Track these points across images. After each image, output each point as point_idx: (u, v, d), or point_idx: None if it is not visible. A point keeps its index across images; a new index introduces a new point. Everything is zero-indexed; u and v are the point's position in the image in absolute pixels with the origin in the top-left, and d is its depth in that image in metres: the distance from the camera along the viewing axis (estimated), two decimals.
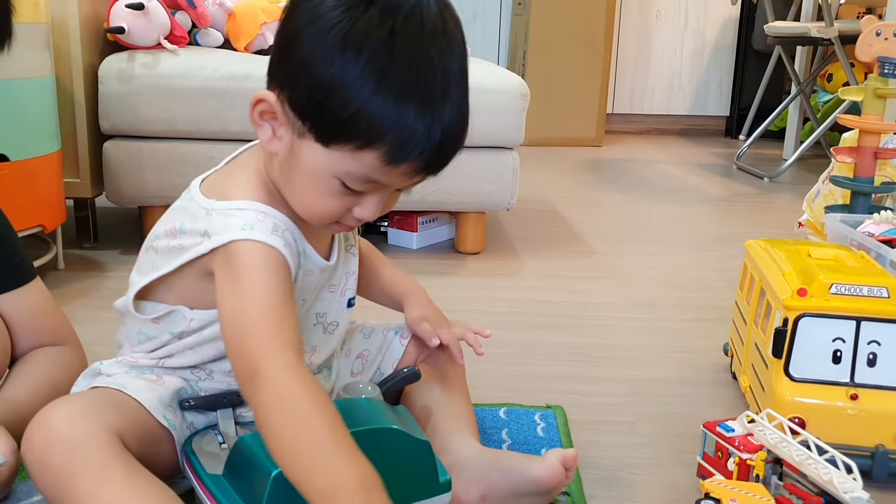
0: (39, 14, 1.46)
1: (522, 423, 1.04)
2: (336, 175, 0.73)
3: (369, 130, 0.69)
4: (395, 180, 0.73)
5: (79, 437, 0.70)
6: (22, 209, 1.42)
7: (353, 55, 0.68)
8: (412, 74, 0.69)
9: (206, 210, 0.78)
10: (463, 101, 0.73)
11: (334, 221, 0.77)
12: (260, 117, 0.75)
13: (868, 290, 0.93)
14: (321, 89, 0.69)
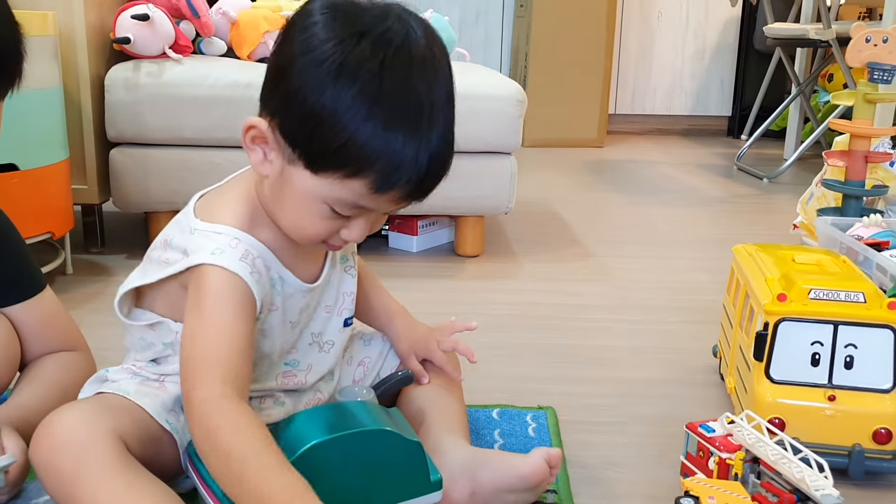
0: (48, 27, 1.51)
1: (514, 424, 1.08)
2: (325, 201, 0.76)
3: (358, 159, 0.72)
4: (382, 206, 0.77)
5: (83, 441, 0.74)
6: (31, 216, 1.47)
7: (346, 86, 0.71)
8: (402, 104, 0.72)
9: (191, 229, 0.82)
10: (448, 128, 0.76)
11: (322, 241, 0.81)
12: (252, 142, 0.79)
13: (845, 295, 0.96)
14: (313, 118, 0.73)
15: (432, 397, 0.96)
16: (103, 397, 0.84)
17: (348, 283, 0.94)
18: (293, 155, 0.76)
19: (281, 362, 0.90)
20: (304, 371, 0.91)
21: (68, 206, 1.61)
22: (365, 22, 0.74)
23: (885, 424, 0.94)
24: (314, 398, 0.92)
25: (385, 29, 0.74)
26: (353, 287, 0.95)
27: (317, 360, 0.92)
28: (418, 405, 0.95)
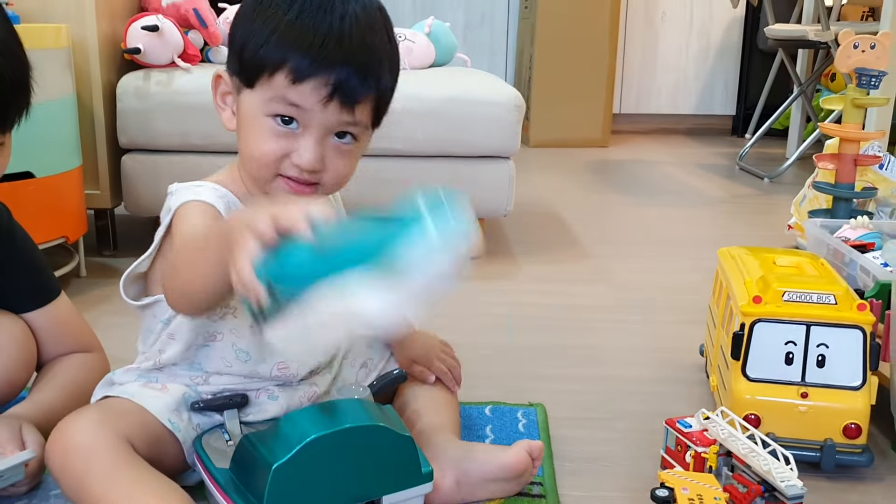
0: (61, 39, 1.57)
1: (505, 420, 1.13)
2: (265, 112, 0.85)
3: (273, 57, 0.82)
4: (313, 105, 0.83)
5: (92, 444, 0.81)
6: (47, 222, 1.53)
7: (262, 12, 0.84)
8: (310, 10, 0.82)
9: (172, 192, 0.91)
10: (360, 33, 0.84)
11: (278, 174, 0.86)
12: (222, 100, 0.91)
13: (817, 296, 1.01)
14: (242, 43, 0.85)
15: (426, 395, 1.02)
16: (110, 402, 0.91)
17: None
18: (240, 84, 0.87)
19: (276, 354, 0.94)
20: (295, 363, 0.96)
21: (82, 211, 1.67)
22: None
23: (855, 420, 0.99)
24: (309, 391, 0.97)
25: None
26: None
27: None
28: (412, 402, 1.01)
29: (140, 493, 0.79)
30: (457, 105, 1.80)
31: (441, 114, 1.80)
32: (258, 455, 0.83)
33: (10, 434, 0.91)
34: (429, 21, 2.09)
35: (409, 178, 1.83)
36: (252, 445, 0.84)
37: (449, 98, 1.81)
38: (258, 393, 0.95)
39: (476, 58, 3.95)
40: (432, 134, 1.81)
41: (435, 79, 1.89)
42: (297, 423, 0.84)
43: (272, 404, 0.95)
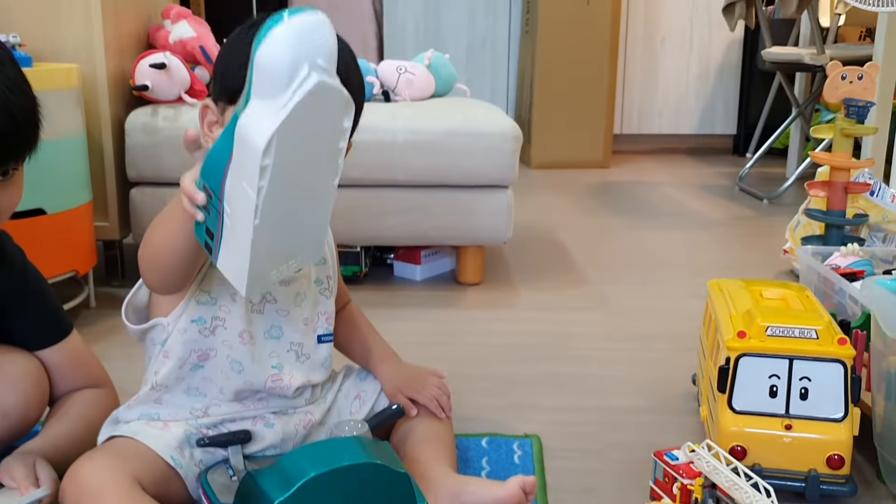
0: (72, 79, 1.62)
1: (501, 452, 1.17)
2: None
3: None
4: None
5: (103, 486, 0.86)
6: (58, 257, 1.58)
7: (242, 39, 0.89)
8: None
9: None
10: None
11: None
12: (208, 129, 0.94)
13: (799, 331, 1.05)
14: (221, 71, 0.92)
15: (422, 430, 1.06)
16: (118, 442, 0.95)
17: (323, 303, 1.06)
18: (224, 105, 0.91)
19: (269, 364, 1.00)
20: (287, 375, 1.01)
21: (91, 244, 1.72)
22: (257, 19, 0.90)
23: (838, 451, 1.02)
24: (305, 419, 1.03)
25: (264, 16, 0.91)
26: (328, 308, 1.06)
27: (295, 367, 1.02)
28: (410, 437, 1.05)
29: None
30: (456, 137, 1.85)
31: (441, 145, 1.85)
32: (260, 492, 0.86)
33: (25, 470, 0.95)
34: (428, 54, 2.13)
35: (411, 208, 1.88)
36: (254, 482, 0.88)
37: (448, 131, 1.85)
38: (255, 421, 0.99)
39: (478, 81, 4.02)
40: (432, 165, 1.85)
41: (435, 111, 1.93)
42: (297, 460, 0.88)
43: (269, 432, 0.99)
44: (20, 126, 0.92)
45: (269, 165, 0.67)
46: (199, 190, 0.74)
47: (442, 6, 3.97)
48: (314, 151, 0.71)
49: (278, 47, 0.65)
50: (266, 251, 0.73)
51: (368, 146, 1.81)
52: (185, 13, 1.97)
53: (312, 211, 0.76)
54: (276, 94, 0.65)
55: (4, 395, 1.04)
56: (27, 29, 1.71)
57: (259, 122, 0.66)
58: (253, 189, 0.68)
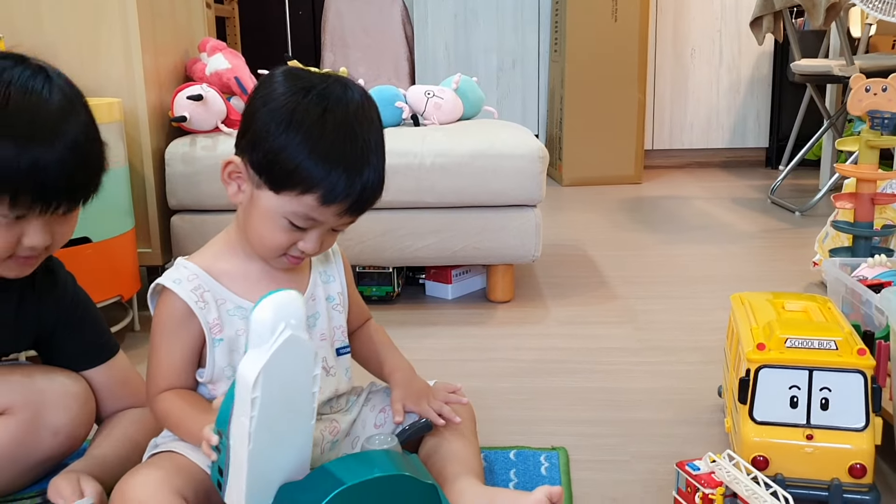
0: (115, 113, 1.70)
1: (529, 464, 1.20)
2: (284, 215, 0.97)
3: (307, 182, 0.95)
4: (330, 218, 0.98)
5: (150, 498, 0.91)
6: (103, 283, 1.65)
7: (295, 128, 0.94)
8: (337, 143, 0.94)
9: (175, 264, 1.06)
10: (379, 163, 0.99)
11: (283, 254, 1.00)
12: (228, 177, 1.02)
13: (819, 342, 1.06)
14: (273, 152, 0.95)
15: (450, 444, 1.09)
16: (162, 456, 1.01)
17: (336, 318, 1.12)
18: (260, 181, 0.98)
19: None
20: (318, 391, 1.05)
21: (135, 270, 1.79)
22: (311, 81, 0.98)
23: (860, 460, 1.04)
24: (331, 426, 1.09)
25: (325, 86, 0.98)
26: (341, 322, 1.12)
27: (325, 383, 1.08)
28: (438, 450, 1.08)
29: None
30: (483, 159, 1.89)
31: (469, 167, 1.89)
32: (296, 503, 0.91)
33: (72, 487, 1.01)
34: (456, 78, 2.19)
35: (440, 228, 1.92)
36: (290, 494, 0.93)
37: (476, 153, 1.90)
38: None
39: (508, 100, 4.07)
40: (461, 186, 1.90)
41: (462, 134, 1.98)
42: (331, 472, 0.92)
43: None
44: (90, 173, 1.00)
45: (257, 397, 0.84)
46: (213, 434, 0.89)
47: (471, 28, 4.04)
48: (293, 391, 0.89)
49: (266, 311, 0.85)
50: (258, 478, 0.89)
51: (398, 170, 1.86)
52: (220, 46, 2.05)
53: (294, 444, 0.93)
54: (263, 342, 0.85)
55: (55, 415, 1.10)
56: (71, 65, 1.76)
57: (250, 365, 0.84)
58: (247, 418, 0.85)
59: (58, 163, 0.94)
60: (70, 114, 0.97)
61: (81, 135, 0.98)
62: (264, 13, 4.52)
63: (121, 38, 1.80)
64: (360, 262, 1.95)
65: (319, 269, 1.12)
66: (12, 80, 0.94)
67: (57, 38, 1.80)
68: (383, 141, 1.02)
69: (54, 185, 0.94)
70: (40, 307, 1.12)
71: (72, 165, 0.96)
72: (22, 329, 1.12)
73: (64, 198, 0.97)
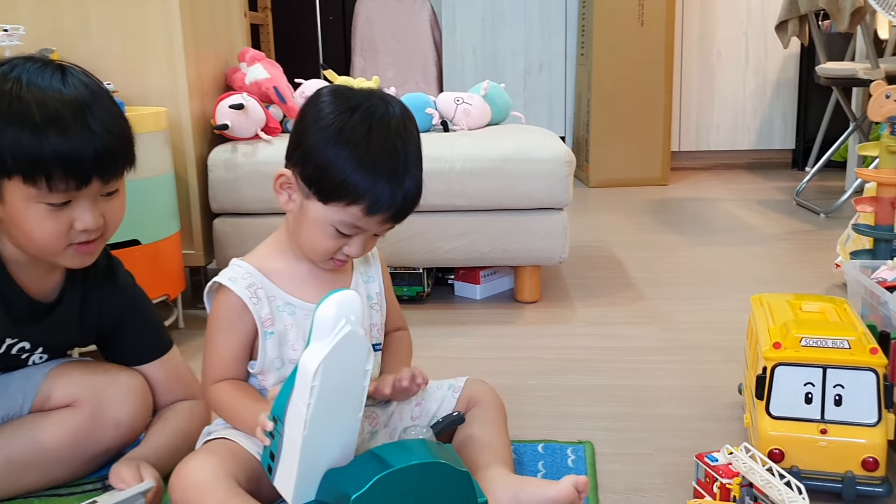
0: (161, 122, 1.79)
1: (556, 457, 1.27)
2: (332, 223, 1.06)
3: (353, 194, 1.03)
4: (373, 226, 1.07)
5: (206, 480, 0.99)
6: (151, 283, 1.73)
7: (343, 145, 1.02)
8: (381, 157, 1.03)
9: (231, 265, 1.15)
10: (418, 174, 1.08)
11: (330, 258, 1.10)
12: (280, 187, 1.10)
13: (832, 342, 1.12)
14: (322, 167, 1.03)
15: (481, 434, 1.16)
16: (216, 443, 1.09)
17: (374, 316, 1.20)
18: (309, 192, 1.06)
19: None
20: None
21: (181, 270, 1.88)
22: (356, 99, 1.06)
23: (872, 454, 1.09)
24: (370, 417, 1.17)
25: (370, 104, 1.06)
26: (377, 320, 1.20)
27: None
28: (469, 441, 1.15)
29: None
30: (511, 163, 1.96)
31: (497, 171, 1.96)
32: (339, 488, 0.98)
33: (132, 473, 1.09)
34: (484, 84, 2.25)
35: (469, 231, 1.99)
36: (334, 479, 1.00)
37: (504, 157, 1.96)
38: None
39: (536, 103, 4.13)
40: (489, 190, 1.97)
41: (491, 139, 2.05)
42: (371, 460, 0.99)
43: None
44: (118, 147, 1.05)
45: (316, 387, 0.92)
46: (268, 420, 0.97)
47: (498, 33, 4.10)
48: (347, 382, 0.97)
49: (330, 309, 0.93)
50: (309, 463, 0.97)
51: (428, 174, 1.89)
52: (259, 56, 2.13)
53: (343, 432, 1.00)
54: (325, 336, 0.93)
55: (117, 410, 1.19)
56: (118, 76, 1.89)
57: (312, 355, 0.92)
58: (304, 405, 0.92)
59: (81, 142, 1.00)
60: (87, 97, 1.02)
61: (102, 112, 1.03)
62: (296, 19, 4.62)
63: (165, 49, 1.89)
64: (392, 263, 2.03)
65: (361, 270, 1.21)
66: (23, 73, 1.01)
67: (105, 50, 1.90)
68: (421, 151, 1.10)
69: (82, 162, 1.00)
70: (102, 303, 1.20)
71: (98, 142, 1.01)
72: (85, 324, 1.21)
73: (96, 173, 1.02)
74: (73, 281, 1.17)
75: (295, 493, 0.98)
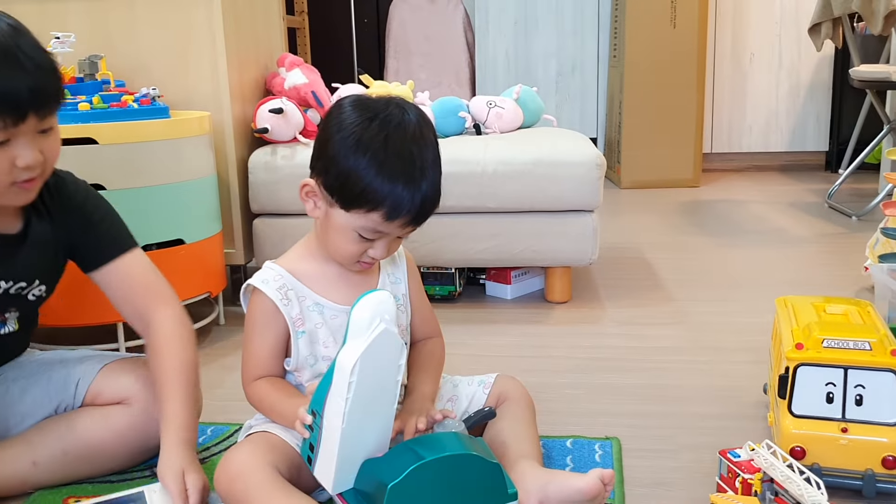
0: (204, 127, 1.86)
1: (584, 452, 1.31)
2: (355, 229, 1.11)
3: (374, 200, 1.08)
4: (394, 230, 1.12)
5: (249, 472, 1.05)
6: (195, 280, 1.82)
7: (361, 154, 1.07)
8: (399, 164, 1.07)
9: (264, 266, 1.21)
10: (436, 178, 1.11)
11: (356, 261, 1.16)
12: (306, 196, 1.15)
13: (854, 343, 1.15)
14: (342, 175, 1.08)
15: (511, 429, 1.21)
16: (257, 436, 1.15)
17: (401, 318, 1.24)
18: (332, 200, 1.11)
19: None
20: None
21: (222, 268, 1.95)
22: (374, 109, 1.10)
23: (892, 452, 1.12)
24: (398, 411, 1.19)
25: (387, 113, 1.10)
26: (403, 321, 1.24)
27: None
28: (499, 435, 1.20)
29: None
30: (543, 166, 2.01)
31: (528, 174, 2.00)
32: (376, 476, 1.04)
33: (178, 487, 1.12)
34: (517, 88, 2.30)
35: (501, 232, 2.04)
36: (372, 469, 1.06)
37: (536, 160, 2.01)
38: None
39: (568, 105, 4.17)
40: (521, 192, 2.01)
41: (523, 142, 2.09)
42: (407, 451, 1.05)
43: None
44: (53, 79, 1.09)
45: (353, 382, 0.97)
46: (307, 414, 1.03)
47: (531, 35, 4.14)
48: (382, 378, 1.02)
49: (365, 309, 1.00)
50: (347, 454, 1.02)
51: (461, 176, 1.99)
52: (297, 62, 2.20)
53: (379, 425, 1.05)
54: (361, 334, 0.99)
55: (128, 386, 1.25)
56: (163, 81, 1.96)
57: (350, 353, 0.98)
58: (342, 399, 0.98)
59: (14, 80, 1.03)
60: (13, 35, 1.05)
61: (30, 48, 1.06)
62: (331, 22, 4.70)
63: (209, 55, 1.96)
64: (424, 263, 2.08)
65: (388, 271, 1.26)
66: None
67: (151, 57, 1.98)
68: (439, 155, 1.13)
69: (18, 99, 1.03)
70: (67, 218, 1.24)
71: (30, 78, 1.04)
72: (60, 245, 1.24)
73: (32, 108, 1.05)
74: (33, 205, 1.20)
75: (335, 482, 1.04)
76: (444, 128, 2.19)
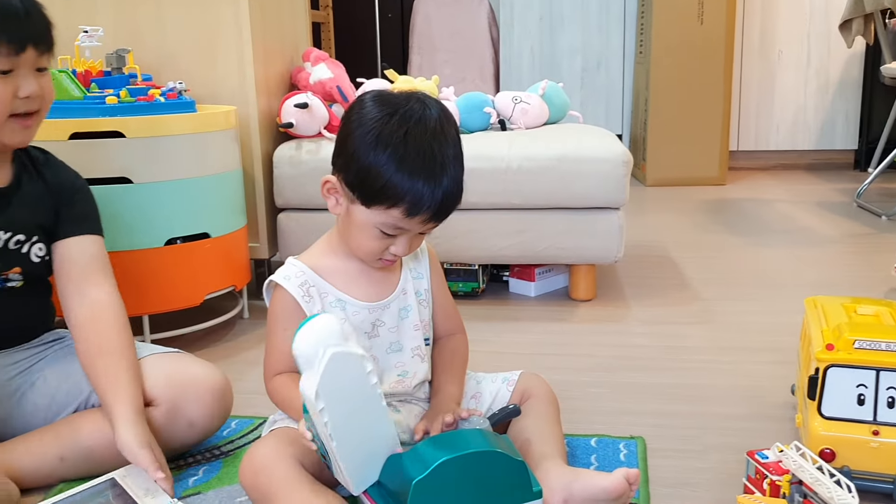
0: (231, 120, 1.87)
1: (609, 451, 1.30)
2: (376, 225, 1.10)
3: (394, 197, 1.07)
4: (415, 227, 1.11)
5: (274, 466, 1.05)
6: (220, 273, 1.82)
7: (381, 150, 1.06)
8: (420, 159, 1.06)
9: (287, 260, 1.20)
10: (457, 174, 1.09)
11: (378, 258, 1.15)
12: (327, 193, 1.15)
13: (886, 345, 1.13)
14: (363, 171, 1.07)
15: (536, 427, 1.20)
16: (280, 431, 1.15)
17: (423, 312, 1.24)
18: (353, 196, 1.10)
19: (394, 374, 1.19)
20: (411, 377, 1.20)
21: (246, 262, 1.96)
22: (394, 104, 1.09)
23: None
24: (421, 410, 1.22)
25: (407, 108, 1.08)
26: (426, 316, 1.24)
27: (418, 368, 1.21)
28: (524, 433, 1.19)
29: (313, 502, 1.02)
30: (568, 163, 1.99)
31: (554, 171, 1.99)
32: (402, 472, 1.03)
33: None
34: (543, 84, 2.29)
35: (525, 229, 2.03)
36: (396, 465, 1.06)
37: (561, 156, 2.00)
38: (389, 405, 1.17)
39: (593, 101, 4.14)
40: (546, 189, 2.00)
41: (548, 138, 2.08)
42: (432, 447, 1.04)
43: (396, 415, 1.18)
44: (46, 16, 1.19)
45: (324, 408, 0.96)
46: (307, 430, 1.03)
47: (556, 31, 4.12)
48: (354, 391, 1.00)
49: (305, 344, 0.97)
50: (353, 461, 1.02)
51: (485, 172, 1.98)
52: (323, 56, 2.20)
53: (375, 426, 1.04)
54: (311, 367, 0.97)
55: (192, 409, 1.26)
56: (190, 76, 1.97)
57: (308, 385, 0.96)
58: (322, 424, 0.97)
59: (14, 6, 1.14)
60: None
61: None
62: (355, 16, 4.70)
63: (235, 50, 1.97)
64: (448, 259, 2.08)
65: (410, 266, 1.25)
66: None
67: (179, 51, 1.99)
68: (461, 151, 1.12)
69: (19, 25, 1.15)
70: (59, 182, 1.31)
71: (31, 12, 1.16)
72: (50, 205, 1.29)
73: (31, 41, 1.16)
74: (23, 164, 1.28)
75: (354, 484, 1.05)
76: (469, 123, 2.18)
